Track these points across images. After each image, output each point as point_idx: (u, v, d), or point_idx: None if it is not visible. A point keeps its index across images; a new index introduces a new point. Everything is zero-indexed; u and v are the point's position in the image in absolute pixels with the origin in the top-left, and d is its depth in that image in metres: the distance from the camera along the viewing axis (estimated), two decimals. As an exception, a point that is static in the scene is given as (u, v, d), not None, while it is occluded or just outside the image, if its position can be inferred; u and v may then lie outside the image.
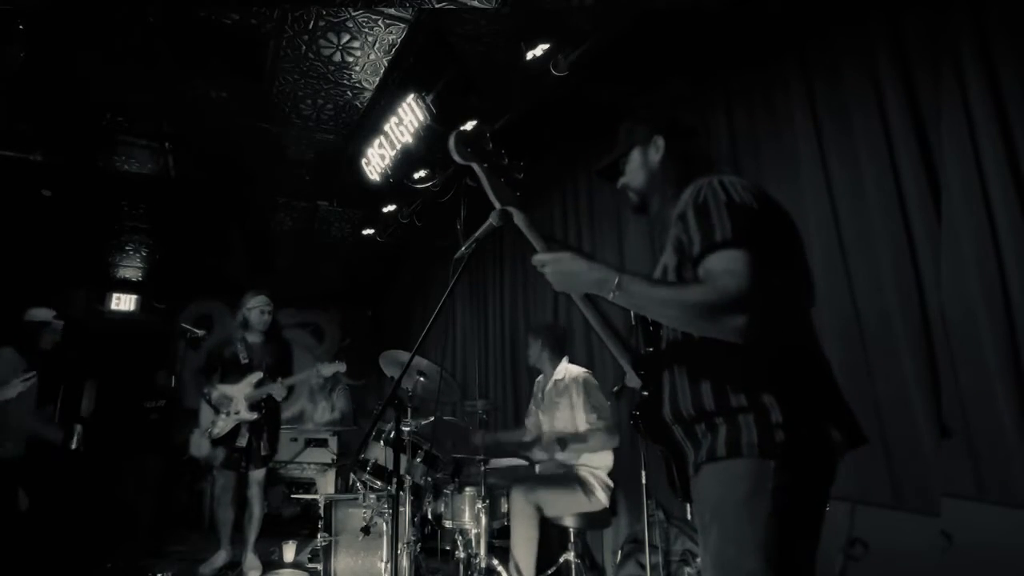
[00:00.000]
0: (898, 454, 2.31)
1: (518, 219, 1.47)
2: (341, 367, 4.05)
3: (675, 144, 1.47)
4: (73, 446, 3.99)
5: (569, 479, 3.07)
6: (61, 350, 4.16)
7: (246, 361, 3.97)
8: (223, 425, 3.88)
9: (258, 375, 3.93)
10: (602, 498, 3.05)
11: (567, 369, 3.27)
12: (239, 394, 3.89)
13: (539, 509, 2.95)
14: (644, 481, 2.80)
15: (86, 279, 7.51)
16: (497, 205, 1.50)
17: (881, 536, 2.23)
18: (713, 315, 1.14)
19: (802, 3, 2.70)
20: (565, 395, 3.19)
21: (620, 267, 1.25)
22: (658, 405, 1.36)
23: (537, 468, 3.38)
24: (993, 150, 2.08)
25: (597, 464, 3.11)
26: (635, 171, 1.51)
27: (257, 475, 4.00)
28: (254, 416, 3.90)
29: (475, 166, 1.51)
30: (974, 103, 2.15)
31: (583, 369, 3.27)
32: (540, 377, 3.49)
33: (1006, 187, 2.04)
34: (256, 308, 4.02)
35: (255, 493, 4.00)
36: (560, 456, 3.14)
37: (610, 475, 3.13)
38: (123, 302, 7.75)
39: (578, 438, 3.06)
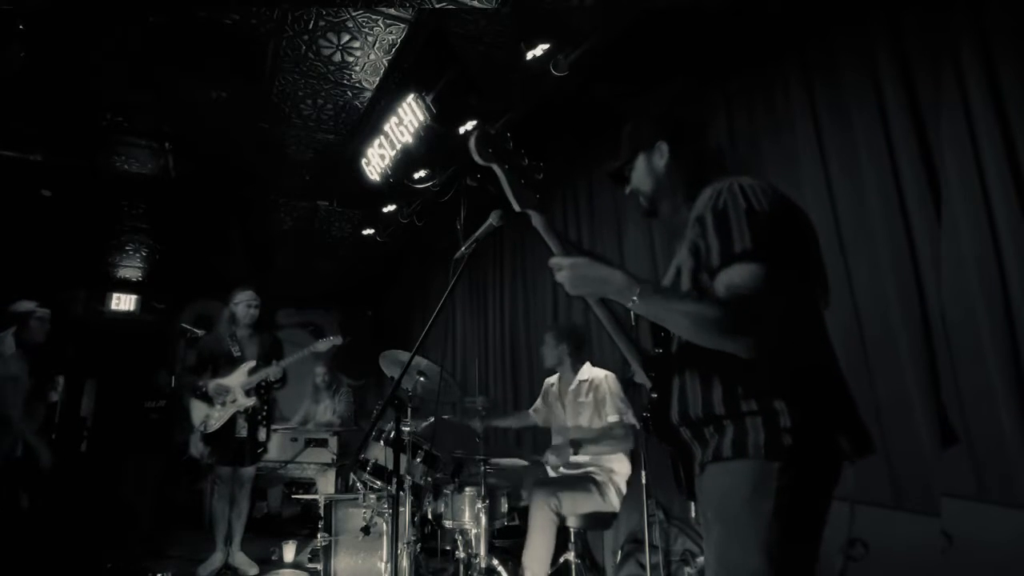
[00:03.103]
0: (898, 454, 2.31)
1: (537, 221, 1.44)
2: (337, 340, 4.07)
3: (680, 147, 1.45)
4: (55, 398, 4.02)
5: (585, 481, 3.06)
6: (58, 346, 4.18)
7: (238, 354, 4.01)
8: (219, 416, 3.89)
9: (251, 363, 3.97)
10: (614, 502, 3.05)
11: (592, 372, 3.27)
12: (235, 383, 3.92)
13: (559, 516, 2.94)
14: (644, 481, 2.80)
15: (86, 279, 7.51)
16: (517, 207, 1.47)
17: (881, 536, 2.23)
18: (728, 333, 1.16)
19: (802, 3, 2.70)
20: (591, 395, 3.18)
21: (639, 275, 1.25)
22: (667, 406, 1.36)
23: (549, 472, 3.35)
24: (993, 150, 2.08)
25: (616, 469, 3.10)
26: (641, 177, 1.49)
27: (249, 472, 4.03)
28: (251, 401, 3.93)
29: (495, 167, 1.48)
30: (974, 103, 2.15)
31: (607, 372, 3.26)
32: (554, 378, 3.47)
33: (1006, 187, 2.04)
34: (242, 303, 4.08)
35: (245, 491, 4.04)
36: (578, 458, 3.13)
37: (627, 482, 3.12)
38: (123, 302, 7.76)
39: (593, 440, 3.05)
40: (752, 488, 1.17)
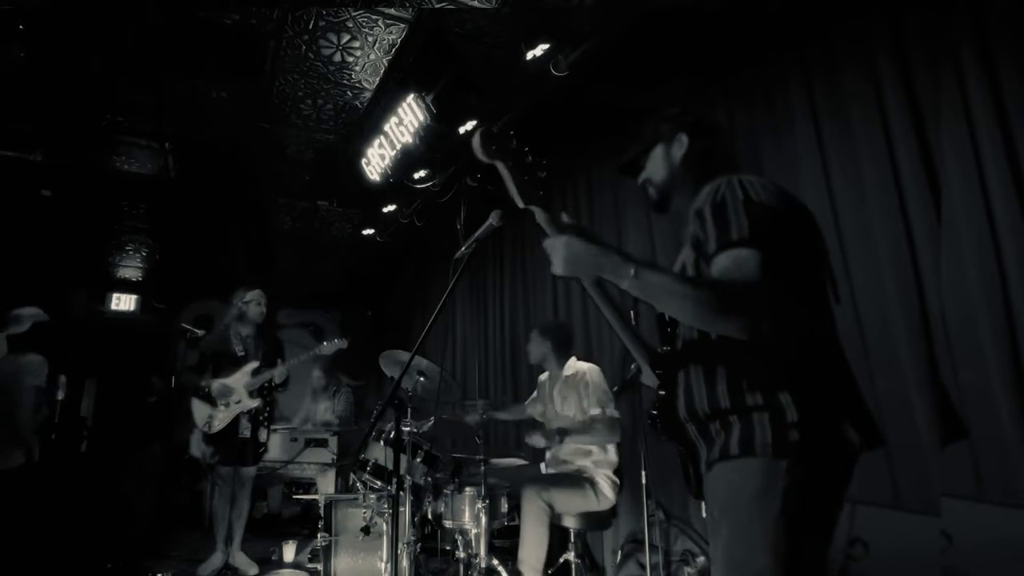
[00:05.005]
0: (898, 454, 2.31)
1: (540, 217, 1.43)
2: (342, 343, 4.06)
3: (698, 142, 1.48)
4: (60, 396, 4.03)
5: (580, 480, 3.07)
6: (59, 348, 4.18)
7: (242, 353, 3.99)
8: (223, 417, 3.88)
9: (255, 364, 3.96)
10: (611, 496, 3.05)
11: (576, 366, 3.30)
12: (238, 384, 3.91)
13: (551, 507, 2.95)
14: (644, 481, 2.80)
15: (86, 279, 7.52)
16: (520, 203, 1.47)
17: (881, 536, 2.23)
18: (720, 312, 1.14)
19: (802, 3, 2.70)
20: (574, 389, 3.21)
21: (642, 257, 1.24)
22: (674, 403, 1.36)
23: (544, 468, 3.37)
24: (993, 150, 2.08)
25: (604, 462, 3.11)
26: (657, 167, 1.51)
27: (250, 472, 4.03)
28: (256, 403, 3.92)
29: (499, 164, 1.47)
30: (974, 103, 2.15)
31: (590, 364, 3.29)
32: (545, 374, 3.51)
33: (1006, 187, 2.04)
34: (253, 301, 4.07)
35: (245, 491, 4.03)
36: (566, 452, 3.15)
37: (616, 472, 3.13)
38: (123, 302, 7.76)
39: (580, 429, 3.07)
40: (759, 487, 1.16)
